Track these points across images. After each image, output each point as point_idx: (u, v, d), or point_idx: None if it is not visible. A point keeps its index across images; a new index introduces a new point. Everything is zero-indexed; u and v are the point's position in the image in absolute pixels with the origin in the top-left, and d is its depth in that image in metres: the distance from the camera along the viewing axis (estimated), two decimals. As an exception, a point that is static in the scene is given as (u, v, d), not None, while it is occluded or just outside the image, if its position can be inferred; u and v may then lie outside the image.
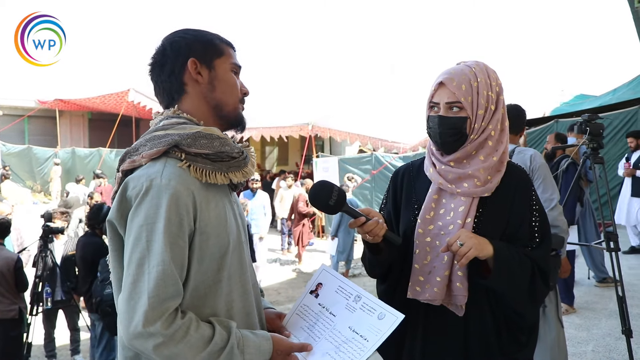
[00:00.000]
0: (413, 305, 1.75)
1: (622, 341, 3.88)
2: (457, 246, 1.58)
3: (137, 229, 1.26)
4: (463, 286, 1.66)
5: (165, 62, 1.45)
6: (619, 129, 10.20)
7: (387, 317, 1.43)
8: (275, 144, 22.80)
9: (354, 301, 1.51)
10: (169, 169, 1.30)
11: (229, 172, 1.40)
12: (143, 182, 1.28)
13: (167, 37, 1.49)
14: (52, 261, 5.17)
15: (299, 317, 1.58)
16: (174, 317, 1.22)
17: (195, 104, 1.46)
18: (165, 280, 1.22)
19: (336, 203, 1.61)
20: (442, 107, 1.71)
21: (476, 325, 1.70)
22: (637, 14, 8.12)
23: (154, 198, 1.26)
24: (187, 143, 1.33)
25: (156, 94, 1.51)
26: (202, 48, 1.46)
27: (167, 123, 1.40)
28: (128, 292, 1.23)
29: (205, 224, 1.32)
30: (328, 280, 1.61)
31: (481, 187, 1.70)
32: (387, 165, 12.98)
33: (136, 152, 1.37)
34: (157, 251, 1.23)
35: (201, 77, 1.45)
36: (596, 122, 3.86)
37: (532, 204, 1.76)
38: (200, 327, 1.26)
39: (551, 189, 3.03)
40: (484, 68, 1.75)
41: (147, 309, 1.19)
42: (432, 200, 1.77)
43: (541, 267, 1.70)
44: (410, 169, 1.94)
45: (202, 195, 1.34)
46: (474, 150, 1.73)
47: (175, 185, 1.28)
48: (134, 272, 1.24)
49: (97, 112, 21.35)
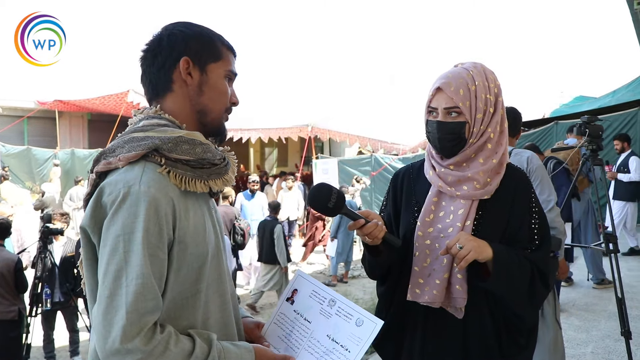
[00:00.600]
0: (412, 306, 1.75)
1: (622, 343, 3.88)
2: (457, 249, 1.57)
3: (114, 239, 1.18)
4: (462, 289, 1.66)
5: (158, 53, 1.38)
6: (618, 131, 10.20)
7: (366, 323, 1.39)
8: (274, 145, 22.80)
9: (328, 306, 1.47)
10: (148, 175, 1.23)
11: (210, 180, 1.34)
12: (120, 189, 1.20)
13: (167, 26, 1.41)
14: (51, 262, 5.17)
15: (276, 326, 1.54)
16: (153, 332, 1.16)
17: (179, 105, 1.39)
18: (144, 295, 1.15)
19: (335, 205, 1.61)
20: (441, 113, 1.71)
21: (475, 327, 1.70)
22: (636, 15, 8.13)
23: (132, 206, 1.18)
24: (168, 148, 1.26)
25: (142, 82, 1.44)
26: (199, 48, 1.38)
27: (147, 124, 1.32)
28: (104, 306, 1.16)
29: (183, 233, 1.26)
30: (303, 285, 1.56)
31: (480, 190, 1.70)
32: (387, 167, 13.00)
33: (112, 153, 1.28)
34: (136, 263, 1.16)
35: (190, 79, 1.37)
36: (595, 124, 3.86)
37: (532, 206, 1.76)
38: (180, 341, 1.20)
39: (548, 191, 3.04)
40: (481, 70, 1.74)
41: (125, 324, 1.12)
42: (431, 202, 1.76)
43: (541, 269, 1.70)
44: (410, 171, 1.94)
45: (182, 203, 1.27)
46: (474, 153, 1.73)
47: (154, 192, 1.20)
48: (110, 284, 1.16)
49: (96, 113, 21.31)
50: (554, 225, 2.92)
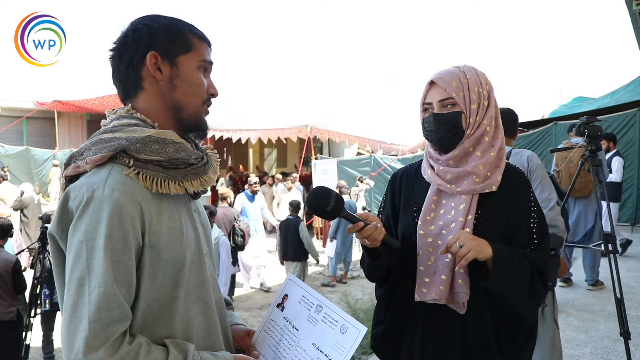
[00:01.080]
0: (412, 307, 1.75)
1: (620, 343, 3.88)
2: (457, 248, 1.57)
3: (77, 245, 1.13)
4: (465, 283, 1.66)
5: (124, 51, 1.30)
6: (617, 132, 10.22)
7: (350, 330, 1.36)
8: (273, 146, 22.80)
9: (315, 312, 1.44)
10: (114, 178, 1.17)
11: (185, 181, 1.27)
12: (84, 193, 1.15)
13: (133, 21, 1.34)
14: (50, 263, 5.17)
15: (266, 333, 1.51)
16: (120, 343, 1.11)
17: (152, 102, 1.31)
18: (107, 304, 1.09)
19: (334, 209, 1.60)
20: (436, 106, 1.73)
21: (475, 326, 1.70)
22: (635, 16, 8.15)
23: (95, 211, 1.13)
24: (135, 148, 1.20)
25: (113, 83, 1.36)
26: (166, 40, 1.30)
27: (117, 124, 1.26)
28: (68, 316, 1.11)
29: (156, 237, 1.19)
30: (293, 290, 1.53)
31: (481, 184, 1.71)
32: (386, 167, 13.00)
33: (81, 156, 1.23)
34: (98, 271, 1.10)
35: (160, 74, 1.30)
36: (594, 125, 3.86)
37: (531, 206, 1.77)
38: (151, 352, 1.15)
39: (549, 189, 3.05)
40: (472, 68, 1.78)
41: (87, 335, 1.07)
42: (431, 201, 1.77)
43: (540, 268, 1.70)
44: (408, 172, 1.95)
45: (153, 206, 1.21)
46: (472, 146, 1.74)
47: (119, 196, 1.14)
48: (74, 293, 1.11)
49: (95, 114, 21.31)
50: (555, 224, 2.93)
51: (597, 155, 3.94)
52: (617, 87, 12.54)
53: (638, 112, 10.24)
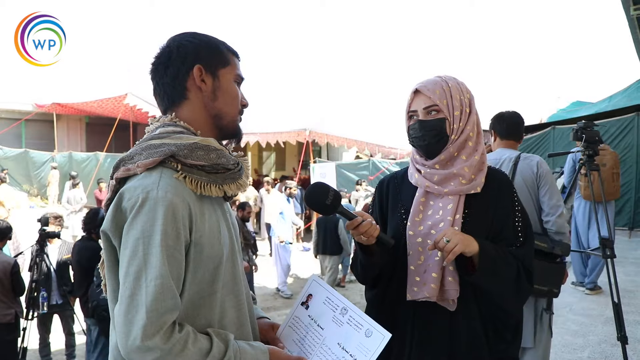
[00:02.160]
0: (402, 306, 1.80)
1: (618, 348, 3.88)
2: (444, 243, 1.62)
3: (134, 241, 1.23)
4: (455, 280, 1.71)
5: (170, 64, 1.43)
6: (615, 136, 10.24)
7: (375, 334, 1.42)
8: (272, 150, 22.80)
9: (340, 314, 1.51)
10: (165, 180, 1.28)
11: (224, 184, 1.39)
12: (139, 194, 1.26)
13: (174, 38, 1.47)
14: (47, 265, 5.16)
15: (291, 329, 1.58)
16: (172, 331, 1.21)
17: (195, 111, 1.44)
18: (163, 294, 1.20)
19: (332, 203, 1.64)
20: (421, 113, 1.80)
21: (464, 323, 1.74)
22: (633, 21, 8.18)
23: (151, 210, 1.24)
24: (183, 154, 1.31)
25: (155, 94, 1.49)
26: (208, 55, 1.44)
27: (164, 131, 1.38)
28: (126, 305, 1.21)
29: (200, 235, 1.31)
30: (317, 291, 1.60)
31: (467, 185, 1.77)
32: (384, 171, 13.00)
33: (131, 160, 1.34)
34: (155, 265, 1.21)
35: (205, 85, 1.43)
36: (592, 129, 3.88)
37: (515, 205, 1.84)
38: (197, 340, 1.25)
39: (557, 196, 3.05)
40: (453, 77, 1.86)
41: (145, 323, 1.17)
42: (419, 203, 1.83)
43: (525, 266, 1.76)
44: (395, 178, 2.02)
45: (197, 207, 1.32)
46: (456, 151, 1.80)
47: (172, 197, 1.26)
48: (131, 285, 1.22)
49: (94, 116, 21.33)
50: (562, 231, 2.96)
51: (594, 159, 3.96)
52: (615, 92, 12.59)
53: (636, 117, 10.26)
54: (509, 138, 3.36)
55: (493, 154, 3.32)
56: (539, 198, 3.07)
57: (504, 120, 3.38)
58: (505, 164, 3.19)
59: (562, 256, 2.97)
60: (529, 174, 3.10)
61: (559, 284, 2.97)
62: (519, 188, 3.05)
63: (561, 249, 2.92)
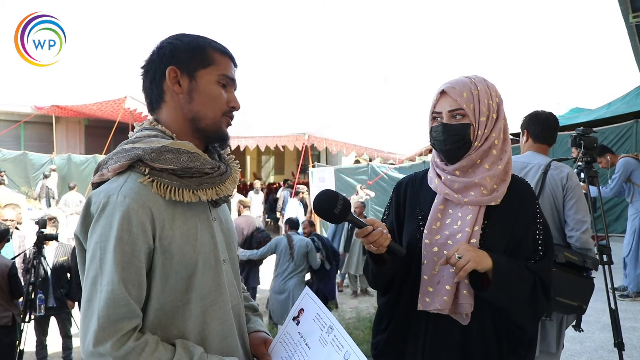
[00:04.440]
0: (415, 316, 1.75)
1: (615, 354, 3.88)
2: (456, 259, 1.58)
3: (93, 246, 1.23)
4: (470, 294, 1.66)
5: (150, 68, 1.41)
6: (613, 143, 10.25)
7: (352, 358, 1.37)
8: (271, 154, 22.82)
9: (326, 332, 1.46)
10: (128, 185, 1.26)
11: (199, 190, 1.33)
12: (101, 199, 1.25)
13: (161, 40, 1.44)
14: (44, 268, 5.15)
15: (280, 345, 1.55)
16: (127, 339, 1.18)
17: (172, 114, 1.40)
18: (115, 301, 1.18)
19: (341, 212, 1.59)
20: (445, 116, 1.73)
21: (478, 337, 1.69)
22: (631, 29, 8.20)
23: (109, 215, 1.23)
24: (150, 157, 1.28)
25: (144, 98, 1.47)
26: (186, 56, 1.38)
27: (140, 135, 1.36)
28: (84, 310, 1.22)
29: (168, 242, 1.27)
30: (309, 306, 1.56)
31: (488, 196, 1.71)
32: (383, 176, 13.01)
33: (105, 165, 1.35)
34: (108, 270, 1.20)
35: (179, 87, 1.38)
36: (590, 136, 3.88)
37: (536, 217, 1.77)
38: (157, 350, 1.22)
39: (584, 211, 2.92)
40: (482, 79, 1.78)
41: (97, 329, 1.17)
42: (437, 210, 1.76)
43: (543, 280, 1.70)
44: (414, 180, 1.94)
45: (166, 213, 1.28)
46: (479, 159, 1.73)
47: (130, 202, 1.23)
48: (88, 289, 1.22)
49: (93, 119, 21.33)
50: (587, 247, 2.85)
51: (592, 166, 3.95)
52: (614, 99, 12.60)
53: (634, 124, 10.27)
54: (543, 142, 3.17)
55: (522, 157, 3.16)
56: (565, 211, 2.94)
57: (540, 122, 3.18)
58: (534, 170, 3.03)
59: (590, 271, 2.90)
60: (557, 185, 2.96)
61: (588, 299, 2.84)
62: (545, 198, 2.94)
63: (592, 262, 2.86)
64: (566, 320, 3.05)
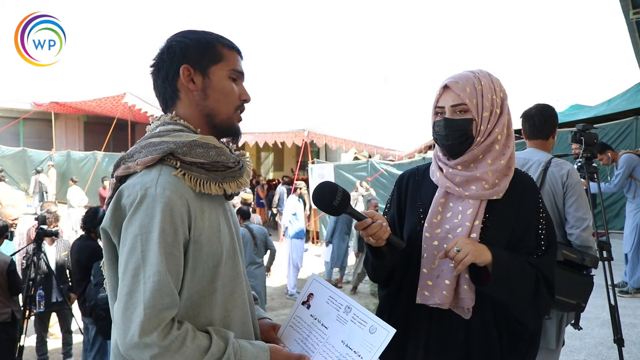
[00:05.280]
0: (416, 310, 1.74)
1: (614, 350, 3.89)
2: (454, 252, 1.58)
3: (132, 238, 1.24)
4: (471, 289, 1.66)
5: (161, 67, 1.44)
6: (613, 140, 10.24)
7: (379, 331, 1.42)
8: (270, 150, 22.80)
9: (344, 312, 1.50)
10: (164, 178, 1.29)
11: (224, 183, 1.38)
12: (137, 191, 1.26)
13: (169, 38, 1.47)
14: (45, 264, 5.15)
15: (292, 329, 1.57)
16: (170, 328, 1.21)
17: (188, 111, 1.44)
18: (161, 291, 1.21)
19: (340, 204, 1.58)
20: (448, 110, 1.72)
21: (479, 332, 1.69)
22: (632, 25, 8.19)
23: (149, 207, 1.24)
24: (182, 151, 1.31)
25: (155, 95, 1.50)
26: (197, 53, 1.42)
27: (164, 129, 1.37)
28: (124, 303, 1.21)
29: (199, 233, 1.31)
30: (319, 290, 1.59)
31: (489, 190, 1.70)
32: (383, 172, 13.00)
33: (131, 158, 1.35)
34: (153, 261, 1.21)
35: (193, 85, 1.42)
36: (590, 132, 3.87)
37: (539, 212, 1.76)
38: (196, 337, 1.25)
39: (585, 208, 2.90)
40: (487, 74, 1.77)
41: (143, 320, 1.18)
42: (439, 204, 1.76)
43: (546, 275, 1.69)
44: (416, 174, 1.94)
45: (197, 205, 1.32)
46: (481, 153, 1.73)
47: (170, 194, 1.26)
48: (129, 282, 1.22)
49: (93, 115, 21.33)
50: (588, 244, 2.84)
51: (592, 162, 3.95)
52: (614, 95, 12.59)
53: (634, 120, 10.27)
54: (536, 137, 3.17)
55: (522, 153, 3.15)
56: (565, 208, 2.93)
57: (527, 119, 3.21)
58: (535, 167, 3.03)
59: (589, 269, 2.89)
60: (558, 182, 2.95)
61: (587, 297, 2.82)
62: (545, 195, 2.91)
63: (590, 260, 2.85)
64: (566, 317, 3.04)
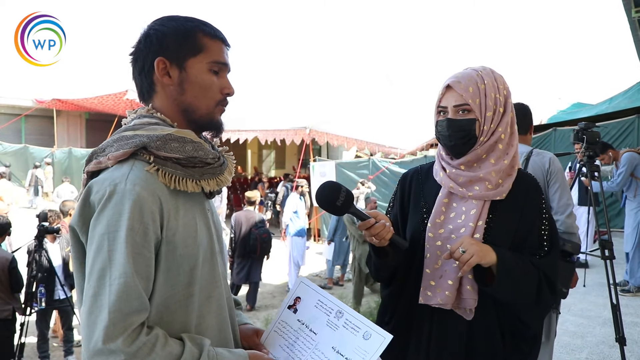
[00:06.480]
0: (418, 310, 1.74)
1: (616, 349, 3.88)
2: (459, 253, 1.57)
3: (99, 237, 1.15)
4: (473, 289, 1.65)
5: (138, 57, 1.35)
6: (615, 139, 10.22)
7: (374, 337, 1.35)
8: (272, 148, 22.80)
9: (335, 317, 1.42)
10: (135, 173, 1.20)
11: (202, 180, 1.30)
12: (106, 187, 1.18)
13: (149, 24, 1.36)
14: (47, 261, 5.15)
15: (277, 334, 1.49)
16: (138, 334, 1.13)
17: (165, 104, 1.34)
18: (127, 294, 1.12)
19: (343, 204, 1.57)
20: (450, 111, 1.70)
21: (481, 332, 1.68)
22: (634, 23, 8.18)
23: (117, 204, 1.16)
24: (156, 146, 1.23)
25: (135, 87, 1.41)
26: (175, 44, 1.31)
27: (138, 122, 1.29)
28: (89, 306, 1.13)
29: (172, 233, 1.22)
30: (307, 293, 1.51)
31: (493, 191, 1.69)
32: (384, 171, 12.99)
33: (102, 152, 1.26)
34: (119, 262, 1.13)
35: (169, 79, 1.32)
36: (592, 130, 3.87)
37: (542, 212, 1.75)
38: (167, 344, 1.17)
39: (567, 195, 2.95)
40: (490, 72, 1.75)
41: (107, 324, 1.09)
42: (442, 204, 1.75)
43: (548, 276, 1.68)
44: (419, 173, 1.93)
45: (170, 202, 1.24)
46: (485, 153, 1.72)
47: (140, 190, 1.17)
48: (95, 284, 1.13)
49: (94, 113, 21.32)
50: (572, 231, 2.86)
51: (594, 160, 3.95)
52: (616, 94, 12.57)
53: (636, 119, 10.24)
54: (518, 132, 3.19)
55: None
56: (549, 196, 2.96)
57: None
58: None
59: (571, 255, 2.91)
60: (539, 171, 2.97)
61: (568, 283, 2.86)
62: None
63: (572, 246, 2.86)
64: (557, 310, 3.06)
